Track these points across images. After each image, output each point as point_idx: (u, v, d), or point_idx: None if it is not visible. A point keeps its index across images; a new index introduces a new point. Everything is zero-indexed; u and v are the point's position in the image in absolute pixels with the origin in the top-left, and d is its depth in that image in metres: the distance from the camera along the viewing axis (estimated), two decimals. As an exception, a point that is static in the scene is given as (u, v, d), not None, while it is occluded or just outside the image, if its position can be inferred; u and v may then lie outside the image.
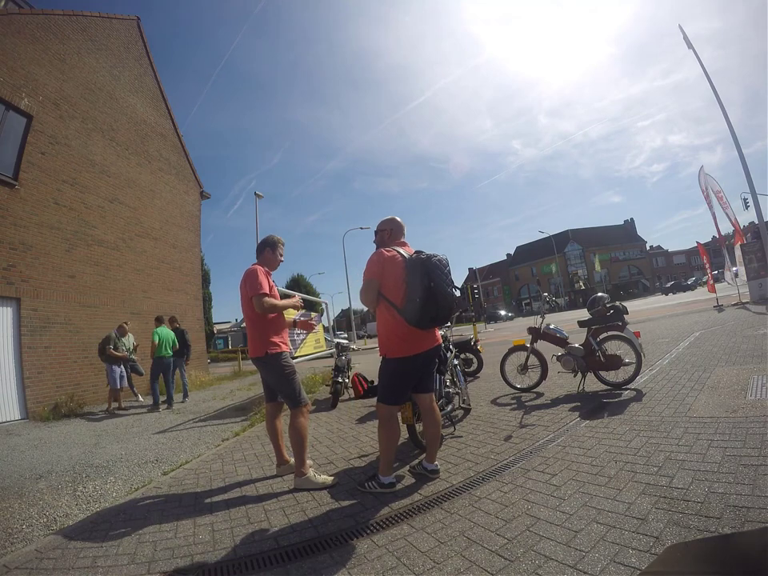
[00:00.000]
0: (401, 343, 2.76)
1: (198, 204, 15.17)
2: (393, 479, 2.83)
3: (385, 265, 2.78)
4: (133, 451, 4.82)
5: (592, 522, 2.02)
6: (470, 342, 7.28)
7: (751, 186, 13.89)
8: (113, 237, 10.69)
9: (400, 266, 2.77)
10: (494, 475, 2.83)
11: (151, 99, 13.32)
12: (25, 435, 6.31)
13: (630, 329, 4.88)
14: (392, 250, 2.86)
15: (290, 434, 3.22)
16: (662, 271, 62.67)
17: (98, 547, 2.44)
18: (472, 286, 19.97)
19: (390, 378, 2.85)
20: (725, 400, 3.62)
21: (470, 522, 2.22)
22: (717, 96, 14.12)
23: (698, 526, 1.82)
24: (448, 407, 3.90)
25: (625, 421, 3.56)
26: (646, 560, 1.66)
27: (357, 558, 2.02)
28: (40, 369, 8.12)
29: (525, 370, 5.38)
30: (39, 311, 8.27)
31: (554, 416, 4.08)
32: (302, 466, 3.11)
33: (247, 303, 3.21)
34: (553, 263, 58.60)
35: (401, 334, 2.74)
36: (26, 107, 8.51)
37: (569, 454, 2.99)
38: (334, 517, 2.52)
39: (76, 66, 10.17)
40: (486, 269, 75.32)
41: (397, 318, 2.74)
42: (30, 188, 8.46)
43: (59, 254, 8.98)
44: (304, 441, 3.18)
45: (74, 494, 3.47)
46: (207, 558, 2.21)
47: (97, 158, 10.46)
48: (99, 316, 9.76)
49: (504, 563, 1.81)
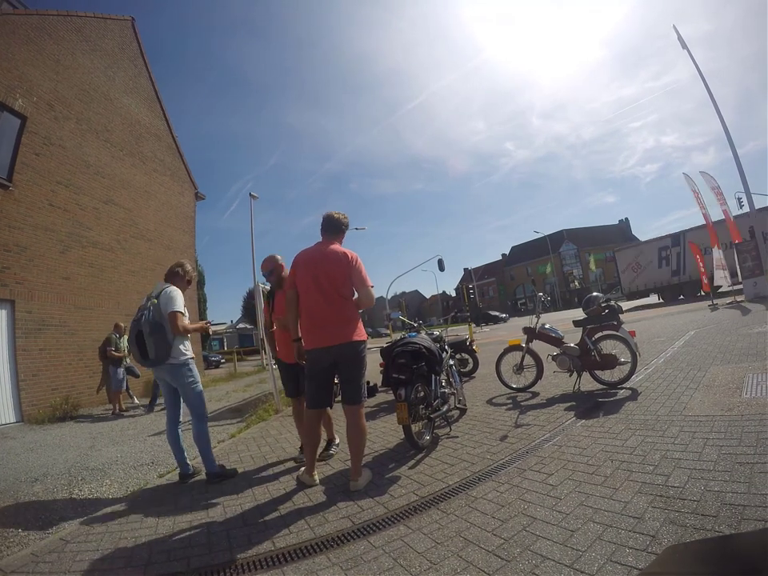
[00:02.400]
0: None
1: (192, 205, 15.12)
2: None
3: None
4: (128, 453, 4.79)
5: (588, 522, 2.03)
6: (466, 342, 7.29)
7: (745, 186, 14.01)
8: (107, 238, 10.65)
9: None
10: (490, 475, 2.83)
11: (146, 100, 13.28)
12: (20, 438, 6.27)
13: (625, 328, 4.89)
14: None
15: (356, 435, 3.02)
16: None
17: (94, 551, 2.42)
18: (467, 286, 20.01)
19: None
20: (720, 398, 3.64)
21: (466, 523, 2.22)
22: (711, 96, 14.21)
23: (695, 525, 1.83)
24: (444, 407, 3.90)
25: (620, 420, 3.57)
26: (643, 559, 1.66)
27: (353, 560, 2.02)
28: (35, 371, 8.08)
29: (520, 370, 5.39)
30: (34, 313, 8.23)
31: (550, 415, 4.08)
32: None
33: (347, 284, 3.05)
34: (548, 263, 58.80)
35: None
36: (20, 108, 8.47)
37: (565, 454, 2.99)
38: (330, 518, 2.52)
39: (70, 66, 10.13)
40: (482, 269, 75.49)
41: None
42: (24, 189, 8.41)
43: (54, 255, 8.94)
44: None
45: (69, 496, 3.45)
46: (203, 560, 2.20)
47: (91, 159, 10.42)
48: (94, 318, 9.72)
49: (501, 563, 1.81)
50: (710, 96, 14.25)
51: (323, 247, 3.13)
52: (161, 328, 3.34)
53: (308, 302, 3.04)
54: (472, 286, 21.52)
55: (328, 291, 2.99)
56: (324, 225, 3.22)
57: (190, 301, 14.76)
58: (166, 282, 3.63)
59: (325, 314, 2.99)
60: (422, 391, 3.68)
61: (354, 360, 3.04)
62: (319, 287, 2.99)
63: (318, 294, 2.99)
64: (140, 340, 3.33)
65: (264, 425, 5.66)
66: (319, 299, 2.99)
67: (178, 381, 3.49)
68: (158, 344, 3.31)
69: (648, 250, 25.86)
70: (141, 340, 3.33)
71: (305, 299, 3.06)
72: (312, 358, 3.05)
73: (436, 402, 3.76)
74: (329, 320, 2.99)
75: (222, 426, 5.99)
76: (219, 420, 6.50)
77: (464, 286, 20.04)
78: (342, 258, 3.05)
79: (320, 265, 3.03)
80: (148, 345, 3.30)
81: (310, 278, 3.01)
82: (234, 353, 24.19)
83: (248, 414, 6.46)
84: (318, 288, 2.99)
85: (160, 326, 3.34)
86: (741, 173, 13.78)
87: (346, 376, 3.07)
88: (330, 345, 2.96)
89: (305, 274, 3.04)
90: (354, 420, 3.02)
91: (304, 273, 3.05)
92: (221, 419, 6.56)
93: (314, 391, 3.10)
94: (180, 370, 3.46)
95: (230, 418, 6.53)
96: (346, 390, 3.09)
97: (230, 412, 7.16)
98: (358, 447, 2.98)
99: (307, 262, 3.07)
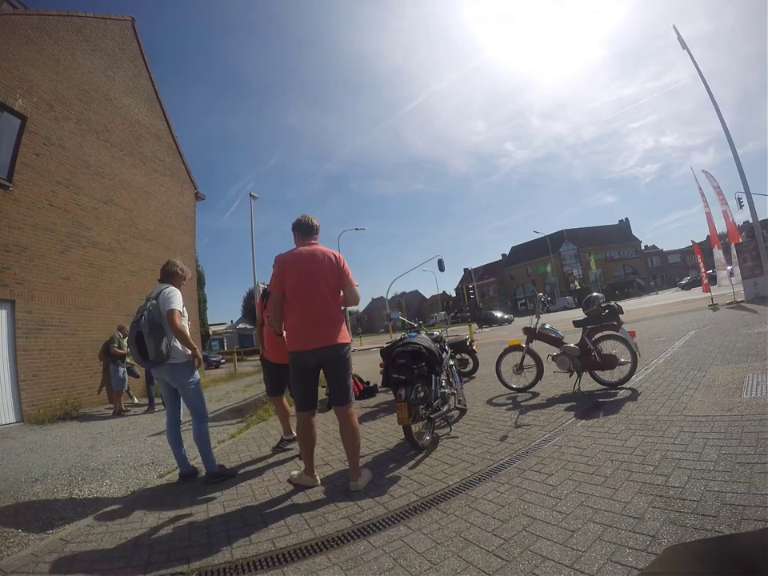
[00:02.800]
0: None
1: (192, 205, 15.11)
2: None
3: None
4: (128, 453, 4.79)
5: (588, 522, 2.03)
6: (466, 343, 7.29)
7: (746, 186, 14.00)
8: (107, 238, 10.65)
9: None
10: (490, 475, 2.83)
11: (146, 100, 13.27)
12: (20, 438, 6.27)
13: (626, 328, 4.90)
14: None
15: (349, 435, 3.02)
16: (657, 271, 63.02)
17: (94, 551, 2.43)
18: (467, 286, 20.02)
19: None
20: (720, 399, 3.64)
21: (466, 523, 2.22)
22: (711, 96, 14.19)
23: (695, 525, 1.83)
24: (444, 408, 3.90)
25: (620, 420, 3.57)
26: (643, 559, 1.66)
27: (354, 560, 2.02)
28: (35, 371, 8.07)
29: (520, 370, 5.39)
30: (34, 313, 8.23)
31: (550, 416, 4.08)
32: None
33: (335, 285, 3.08)
34: (548, 263, 58.82)
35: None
36: (20, 108, 8.47)
37: (565, 454, 3.00)
38: (330, 518, 2.52)
39: (70, 66, 10.12)
40: (482, 269, 75.53)
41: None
42: (25, 189, 8.41)
43: (54, 255, 8.94)
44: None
45: (69, 496, 3.45)
46: (203, 560, 2.20)
47: (91, 160, 10.42)
48: (94, 318, 9.71)
49: (501, 563, 1.81)
50: (710, 96, 14.24)
51: (309, 248, 3.12)
52: (160, 328, 3.35)
53: (296, 302, 3.01)
54: (472, 286, 21.49)
55: (318, 291, 2.99)
56: (300, 228, 3.23)
57: (190, 301, 14.61)
58: (164, 283, 3.64)
59: (313, 315, 2.98)
60: (422, 391, 3.68)
61: (341, 362, 3.04)
62: (309, 287, 2.99)
63: (307, 294, 2.98)
64: (140, 341, 3.32)
65: (264, 425, 5.66)
66: (306, 300, 2.98)
67: (177, 381, 3.51)
68: (157, 344, 3.31)
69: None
70: (141, 341, 3.32)
71: (293, 300, 3.02)
72: (299, 360, 3.02)
73: (436, 403, 3.77)
74: (317, 321, 2.98)
75: (222, 426, 5.99)
76: (219, 420, 6.50)
77: (464, 286, 20.06)
78: (331, 257, 3.08)
79: (310, 265, 3.03)
80: (148, 345, 3.29)
81: (299, 279, 3.00)
82: (234, 353, 24.21)
83: (248, 414, 6.46)
84: (307, 288, 2.98)
85: (159, 327, 3.35)
86: (741, 173, 13.77)
87: (334, 378, 3.07)
88: (317, 347, 2.96)
89: (294, 275, 3.01)
90: (346, 421, 3.02)
91: (294, 273, 3.02)
92: (221, 419, 6.56)
93: (302, 393, 3.08)
94: (180, 371, 3.48)
95: (230, 419, 6.52)
96: (335, 391, 3.08)
97: (230, 412, 7.16)
98: (353, 447, 2.98)
99: (297, 263, 3.05)
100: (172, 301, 3.45)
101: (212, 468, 3.49)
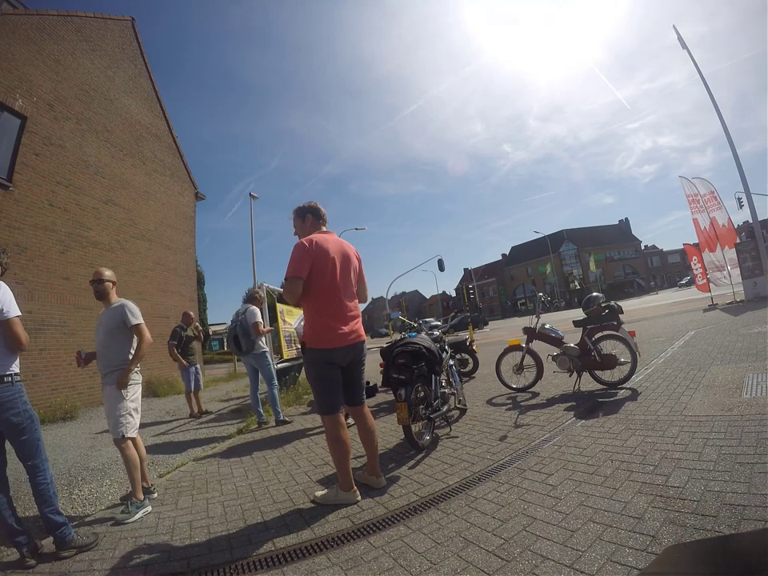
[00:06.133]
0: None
1: (192, 205, 15.10)
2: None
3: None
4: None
5: (588, 522, 2.02)
6: (466, 342, 7.29)
7: (745, 186, 13.98)
8: (107, 238, 10.64)
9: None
10: (490, 475, 2.83)
11: (146, 100, 13.27)
12: (19, 438, 6.25)
13: (625, 328, 4.89)
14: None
15: (372, 434, 2.96)
16: (657, 271, 62.99)
17: (94, 551, 2.43)
18: (467, 286, 20.02)
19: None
20: (720, 398, 3.63)
21: (466, 523, 2.22)
22: (711, 96, 14.18)
23: (695, 525, 1.83)
24: (444, 407, 3.90)
25: (620, 420, 3.57)
26: (643, 559, 1.66)
27: (353, 560, 2.02)
28: (35, 371, 8.06)
29: (520, 370, 5.39)
30: (34, 313, 8.21)
31: (550, 416, 4.08)
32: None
33: (356, 278, 3.00)
34: (548, 263, 58.78)
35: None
36: (20, 108, 8.46)
37: (565, 454, 2.99)
38: (330, 518, 2.52)
39: (70, 66, 10.12)
40: (482, 269, 75.47)
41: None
42: (24, 189, 8.40)
43: (54, 255, 8.93)
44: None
45: (69, 497, 3.45)
46: (203, 560, 2.20)
47: (91, 160, 10.41)
48: (94, 318, 9.59)
49: (501, 563, 1.81)
50: (710, 96, 14.22)
51: (335, 237, 2.94)
52: (247, 332, 5.39)
53: (331, 293, 2.74)
54: (472, 286, 21.51)
55: (351, 283, 2.89)
56: (315, 214, 3.01)
57: (190, 301, 14.55)
58: (247, 303, 5.70)
59: (351, 308, 2.84)
60: (422, 391, 3.68)
61: (364, 358, 2.98)
62: (343, 278, 2.81)
63: (344, 285, 2.81)
64: (236, 340, 5.39)
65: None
66: (344, 291, 2.80)
67: (258, 363, 5.66)
68: (247, 342, 5.39)
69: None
70: (237, 340, 5.38)
71: (329, 289, 2.74)
72: (333, 357, 2.74)
73: (436, 402, 3.76)
74: (355, 315, 2.87)
75: (222, 426, 5.99)
76: (220, 421, 6.50)
77: (464, 286, 20.06)
78: (356, 252, 3.03)
79: (344, 254, 2.87)
80: (242, 342, 5.35)
81: (336, 267, 2.77)
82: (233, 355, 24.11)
83: (249, 414, 6.45)
84: (342, 278, 2.80)
85: (247, 331, 5.39)
86: (741, 173, 13.76)
87: (357, 376, 2.93)
88: (355, 342, 2.82)
89: (331, 262, 2.75)
90: (366, 420, 2.94)
91: (330, 261, 2.75)
92: (221, 420, 6.56)
93: (334, 392, 2.80)
94: (260, 357, 5.66)
95: (230, 419, 6.53)
96: (357, 390, 2.95)
97: (231, 413, 7.16)
98: (376, 445, 2.96)
99: (334, 250, 2.80)
100: (255, 316, 5.51)
101: (278, 416, 5.68)
